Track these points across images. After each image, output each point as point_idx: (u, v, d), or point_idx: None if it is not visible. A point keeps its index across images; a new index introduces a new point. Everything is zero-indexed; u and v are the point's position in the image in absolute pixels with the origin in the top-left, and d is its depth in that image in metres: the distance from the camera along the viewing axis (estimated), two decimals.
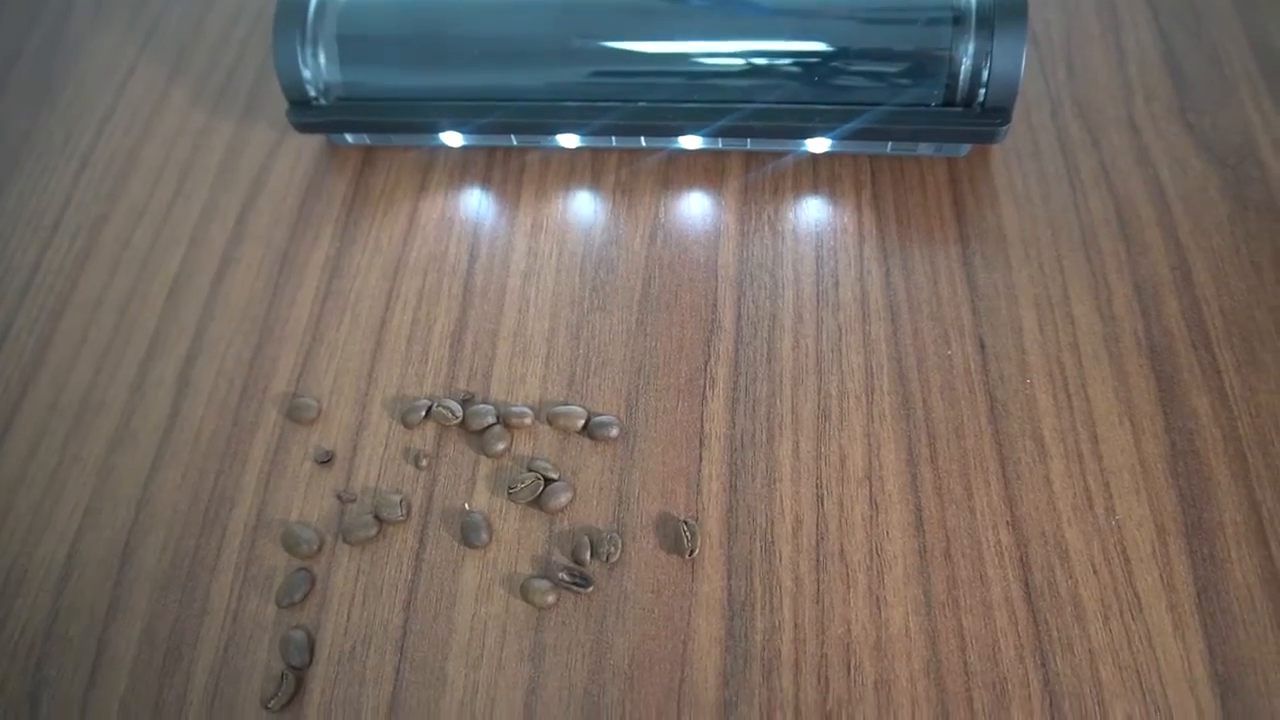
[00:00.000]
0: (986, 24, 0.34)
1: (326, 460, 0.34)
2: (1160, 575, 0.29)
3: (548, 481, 0.32)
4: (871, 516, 0.31)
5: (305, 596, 0.31)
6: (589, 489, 0.32)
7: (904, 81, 0.36)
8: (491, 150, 0.41)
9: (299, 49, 0.37)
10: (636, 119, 0.37)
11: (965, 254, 0.36)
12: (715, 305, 0.36)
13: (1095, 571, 0.29)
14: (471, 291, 0.37)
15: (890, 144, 0.37)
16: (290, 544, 0.32)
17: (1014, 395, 0.33)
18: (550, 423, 0.33)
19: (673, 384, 0.34)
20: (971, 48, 0.34)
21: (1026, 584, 0.29)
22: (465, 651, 0.30)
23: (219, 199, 0.41)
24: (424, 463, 0.33)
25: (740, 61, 0.36)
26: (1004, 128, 0.35)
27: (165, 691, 0.30)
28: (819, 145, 0.38)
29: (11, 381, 0.37)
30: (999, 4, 0.34)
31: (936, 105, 0.36)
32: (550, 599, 0.30)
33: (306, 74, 0.38)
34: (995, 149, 0.38)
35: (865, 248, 0.36)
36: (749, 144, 0.38)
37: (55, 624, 0.32)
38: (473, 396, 0.34)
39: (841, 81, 0.36)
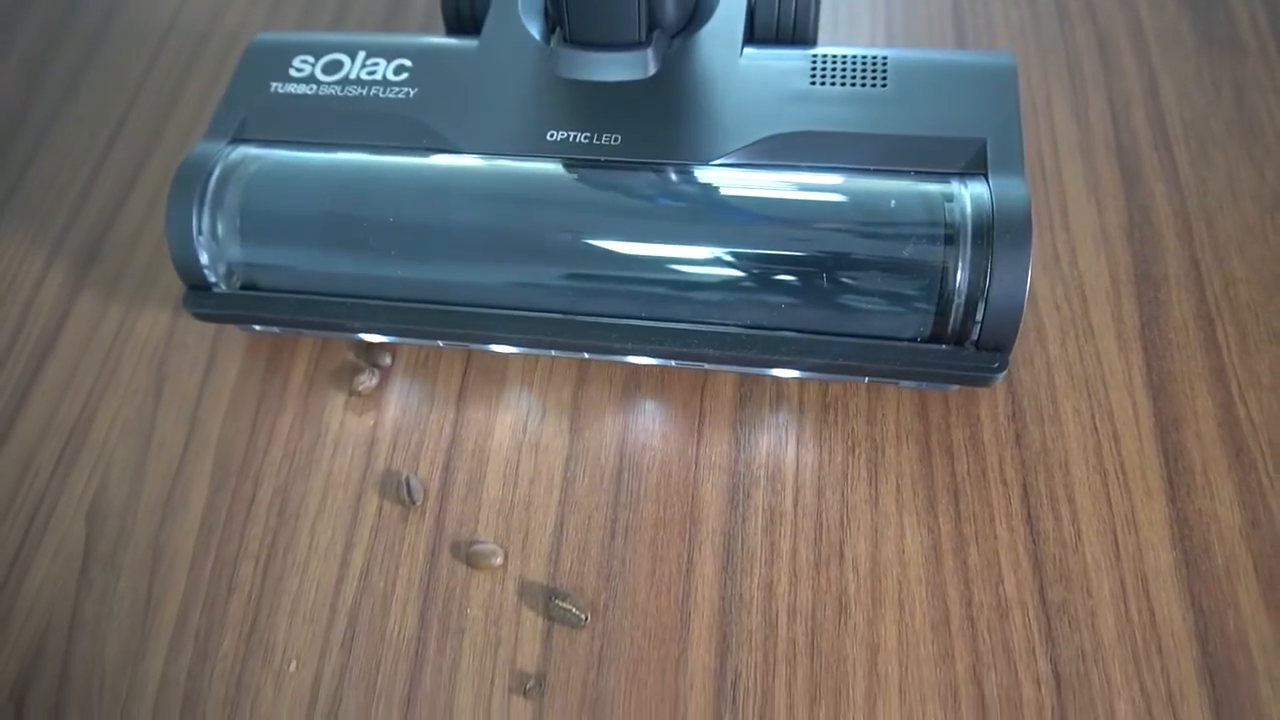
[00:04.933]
0: (983, 245, 0.28)
1: None
2: (1111, 312, 0.35)
3: None
4: None
5: None
6: None
7: (885, 310, 0.30)
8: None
9: (195, 222, 0.32)
10: (575, 335, 0.32)
11: None
12: None
13: (1057, 308, 0.35)
14: None
15: (868, 377, 0.32)
16: None
17: None
18: None
19: None
20: (966, 276, 0.29)
21: None
22: (521, 367, 0.35)
23: None
24: None
25: (695, 277, 0.31)
26: (1001, 373, 0.29)
27: (268, 386, 0.36)
28: (785, 373, 0.33)
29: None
30: (1000, 222, 0.28)
31: (922, 339, 0.30)
32: None
33: (204, 256, 0.33)
34: None
35: None
36: (705, 367, 0.34)
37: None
38: None
39: (812, 307, 0.30)
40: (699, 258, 0.31)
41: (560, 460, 0.33)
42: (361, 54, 0.36)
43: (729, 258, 0.30)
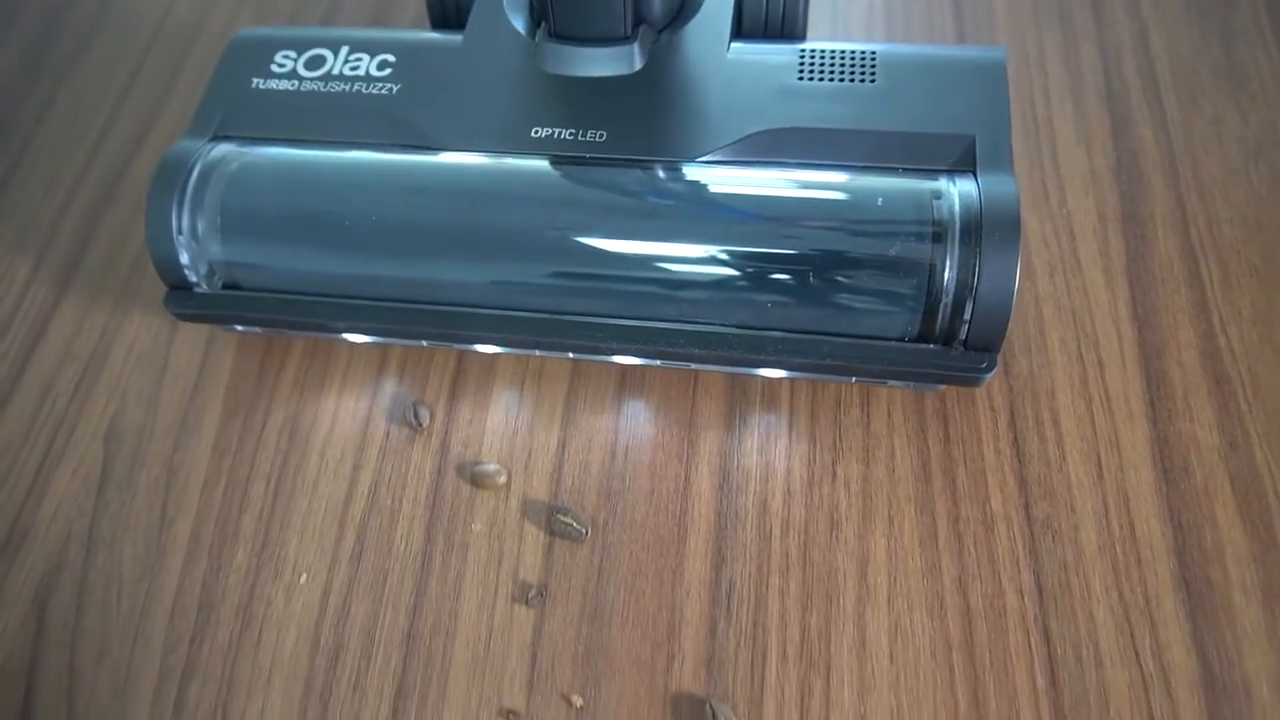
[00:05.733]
0: (971, 244, 0.28)
1: None
2: (1098, 248, 0.36)
3: None
4: None
5: None
6: None
7: (872, 309, 0.30)
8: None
9: (174, 221, 0.32)
10: (560, 335, 0.31)
11: (959, 31, 0.42)
12: None
13: (1046, 244, 0.36)
14: None
15: (855, 377, 0.32)
16: None
17: None
18: None
19: None
20: (954, 274, 0.28)
21: None
22: None
23: None
24: None
25: (681, 276, 0.30)
26: (989, 373, 0.29)
27: None
28: (771, 373, 0.33)
29: None
30: (988, 220, 0.28)
31: (910, 339, 0.30)
32: None
33: (184, 256, 0.32)
34: None
35: None
36: (692, 366, 0.34)
37: None
38: None
39: (798, 306, 0.30)
40: (684, 256, 0.30)
41: (563, 386, 0.34)
42: (344, 49, 0.35)
43: (715, 256, 0.30)
